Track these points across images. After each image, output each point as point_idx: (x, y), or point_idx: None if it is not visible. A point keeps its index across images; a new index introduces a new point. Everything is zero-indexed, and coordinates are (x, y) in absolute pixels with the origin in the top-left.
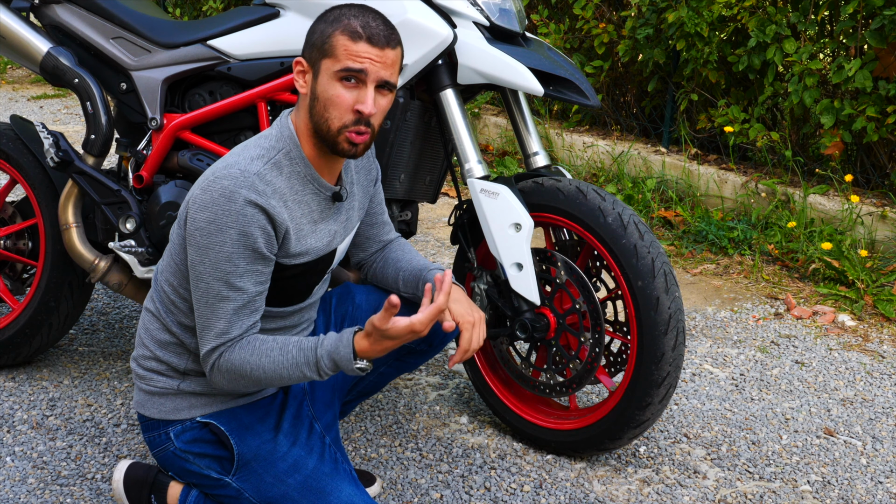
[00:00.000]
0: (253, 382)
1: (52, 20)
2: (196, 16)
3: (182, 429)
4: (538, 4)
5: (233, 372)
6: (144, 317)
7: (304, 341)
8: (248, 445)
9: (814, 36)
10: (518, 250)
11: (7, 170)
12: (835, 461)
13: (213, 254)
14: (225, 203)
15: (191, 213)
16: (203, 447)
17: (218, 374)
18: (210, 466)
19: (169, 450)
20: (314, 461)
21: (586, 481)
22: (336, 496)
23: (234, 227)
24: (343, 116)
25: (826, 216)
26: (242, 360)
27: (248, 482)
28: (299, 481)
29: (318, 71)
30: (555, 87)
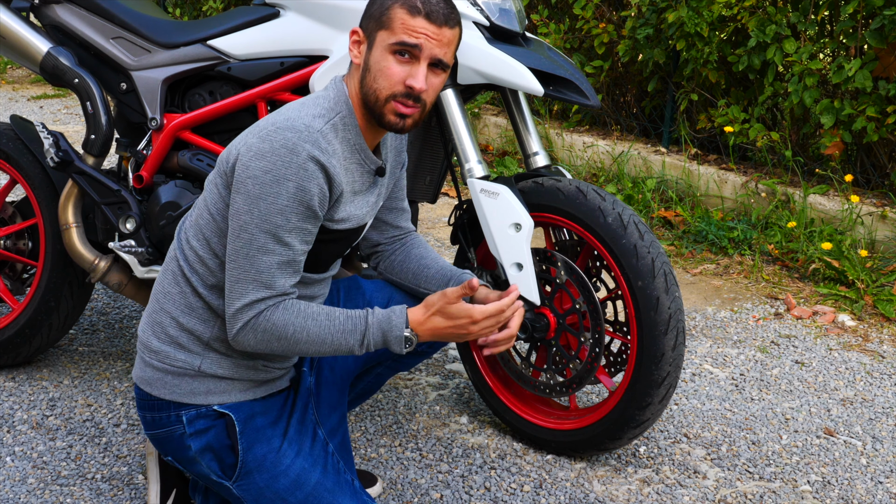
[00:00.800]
0: (289, 346)
1: (52, 20)
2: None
3: (197, 414)
4: (538, 4)
5: (271, 332)
6: (164, 282)
7: (353, 311)
8: (254, 453)
9: (814, 36)
10: (518, 250)
11: (7, 170)
12: (835, 461)
13: (264, 205)
14: (286, 154)
15: (244, 160)
16: (212, 440)
17: (251, 332)
18: (210, 467)
19: (176, 433)
20: (317, 475)
21: (586, 481)
22: None
23: (293, 180)
24: (393, 87)
25: (826, 216)
26: (286, 321)
27: (249, 493)
28: (300, 499)
29: (374, 42)
30: (555, 87)
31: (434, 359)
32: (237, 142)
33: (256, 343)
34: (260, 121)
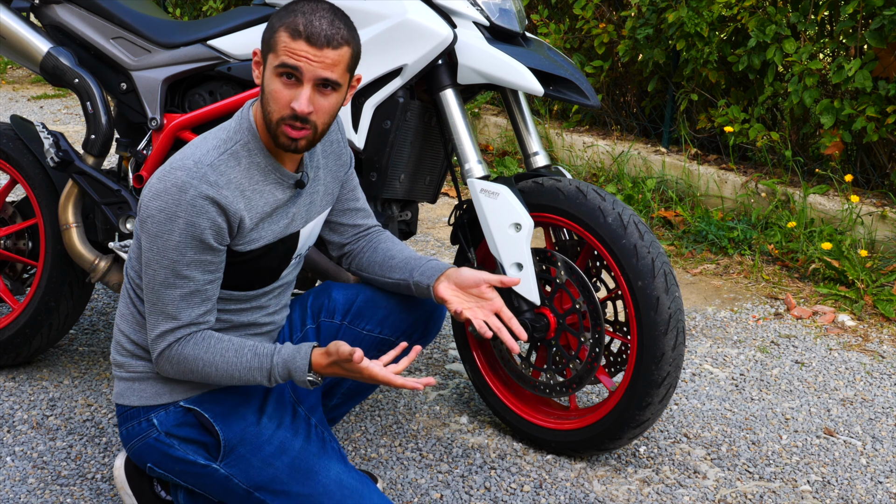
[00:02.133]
0: (200, 378)
1: (52, 20)
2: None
3: (166, 414)
4: (538, 4)
5: (183, 364)
6: (120, 303)
7: (261, 346)
8: (234, 430)
9: (814, 36)
10: (518, 250)
11: (7, 170)
12: (835, 461)
13: (161, 242)
14: (176, 193)
15: (144, 200)
16: (189, 431)
17: (167, 363)
18: (197, 452)
19: (151, 437)
20: (300, 442)
21: (586, 481)
22: (325, 475)
23: (182, 217)
24: (281, 111)
25: (826, 216)
26: (195, 355)
27: (237, 467)
28: (287, 463)
29: (266, 65)
30: (555, 87)
31: (434, 359)
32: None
33: (174, 372)
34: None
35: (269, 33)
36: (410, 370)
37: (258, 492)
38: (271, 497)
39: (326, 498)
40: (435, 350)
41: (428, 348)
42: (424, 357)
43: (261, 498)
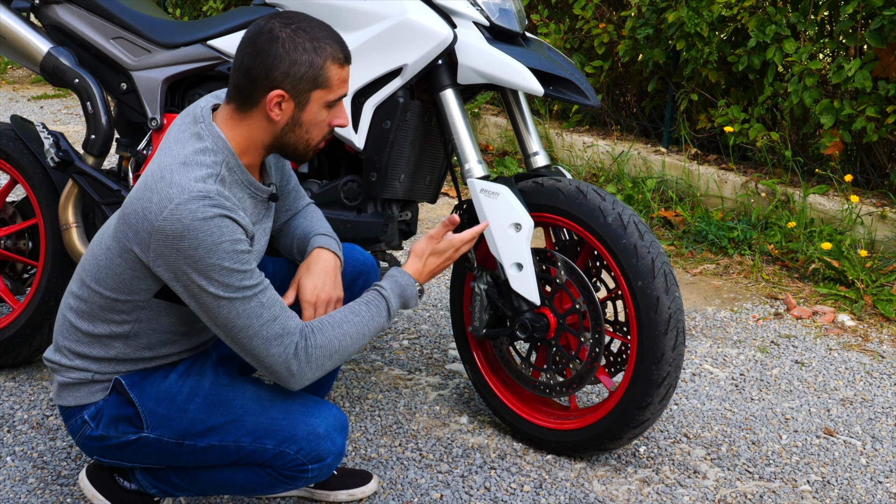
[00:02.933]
0: (343, 355)
1: (52, 20)
2: (196, 16)
3: (96, 409)
4: (538, 4)
5: (323, 357)
6: (68, 313)
7: (364, 298)
8: (147, 394)
9: (814, 36)
10: (518, 250)
11: (7, 170)
12: (834, 461)
13: (216, 273)
14: (203, 224)
15: (168, 248)
16: (113, 412)
17: (309, 370)
18: (126, 431)
19: (87, 433)
20: (209, 380)
21: (586, 481)
22: (241, 397)
23: (220, 239)
24: (322, 134)
25: (826, 216)
26: (327, 341)
27: (161, 427)
28: (200, 403)
29: (307, 101)
30: (555, 87)
31: (434, 359)
32: (141, 225)
33: (317, 372)
34: (145, 198)
35: (309, 70)
36: (410, 370)
37: (187, 440)
38: (199, 439)
39: (248, 415)
40: (435, 350)
41: (428, 348)
42: (424, 357)
43: (190, 444)
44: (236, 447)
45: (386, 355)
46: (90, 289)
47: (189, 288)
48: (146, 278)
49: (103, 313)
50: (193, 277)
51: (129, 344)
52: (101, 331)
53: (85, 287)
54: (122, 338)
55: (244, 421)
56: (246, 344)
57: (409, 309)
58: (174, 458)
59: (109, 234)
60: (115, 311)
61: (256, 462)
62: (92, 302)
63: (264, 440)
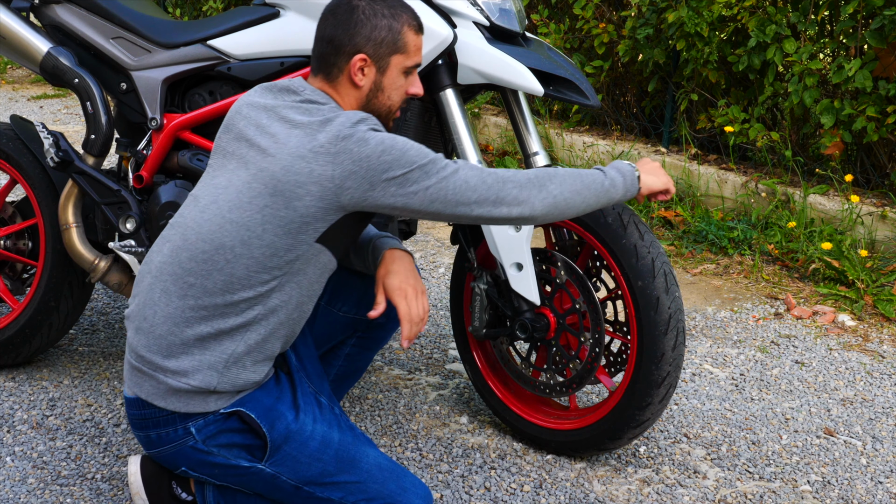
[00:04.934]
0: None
1: (52, 20)
2: (196, 16)
3: (204, 422)
4: (538, 4)
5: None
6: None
7: (582, 171)
8: (278, 430)
9: (814, 36)
10: (518, 250)
11: (7, 170)
12: (835, 461)
13: (407, 156)
14: (377, 125)
15: (359, 148)
16: (230, 437)
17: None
18: (239, 456)
19: (187, 444)
20: (337, 433)
21: (586, 481)
22: (366, 461)
23: (396, 137)
24: (400, 100)
25: (826, 216)
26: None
27: (284, 465)
28: (332, 455)
29: (388, 65)
30: (555, 87)
31: (434, 359)
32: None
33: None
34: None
35: (388, 34)
36: (410, 370)
37: (307, 486)
38: (320, 489)
39: (372, 482)
40: (435, 350)
41: (428, 348)
42: (424, 357)
43: (309, 491)
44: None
45: (386, 355)
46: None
47: (395, 181)
48: (318, 218)
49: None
50: (395, 168)
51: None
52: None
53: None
54: (243, 328)
55: (367, 486)
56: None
57: (627, 193)
58: (279, 494)
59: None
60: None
61: None
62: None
63: None
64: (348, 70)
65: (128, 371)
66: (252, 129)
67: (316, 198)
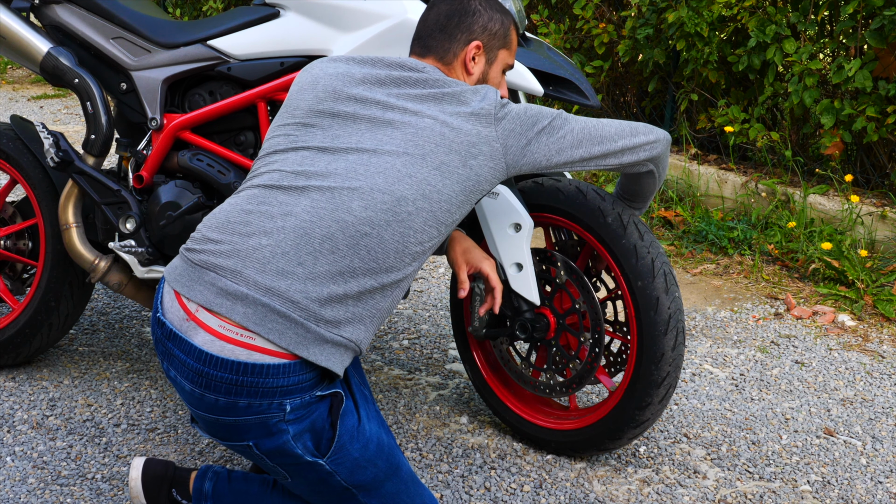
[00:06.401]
0: None
1: (52, 20)
2: (196, 16)
3: (301, 402)
4: (538, 4)
5: None
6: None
7: None
8: (346, 426)
9: (814, 36)
10: (518, 250)
11: (7, 170)
12: (835, 461)
13: (543, 111)
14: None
15: (522, 120)
16: (312, 421)
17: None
18: (305, 447)
19: (272, 420)
20: (385, 437)
21: (586, 481)
22: (404, 469)
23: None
24: None
25: (826, 216)
26: None
27: (344, 464)
28: (385, 460)
29: (495, 58)
30: (555, 87)
31: (434, 359)
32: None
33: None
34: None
35: (502, 30)
36: (410, 370)
37: (354, 488)
38: (365, 494)
39: (405, 495)
40: (435, 350)
41: (428, 348)
42: (424, 357)
43: (354, 492)
44: None
45: (386, 355)
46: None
47: (543, 132)
48: (489, 179)
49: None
50: (539, 122)
51: (398, 290)
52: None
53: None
54: (396, 285)
55: (400, 497)
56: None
57: None
58: (328, 494)
59: (410, 170)
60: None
61: None
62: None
63: None
64: (464, 55)
65: (261, 316)
66: (382, 95)
67: (487, 157)
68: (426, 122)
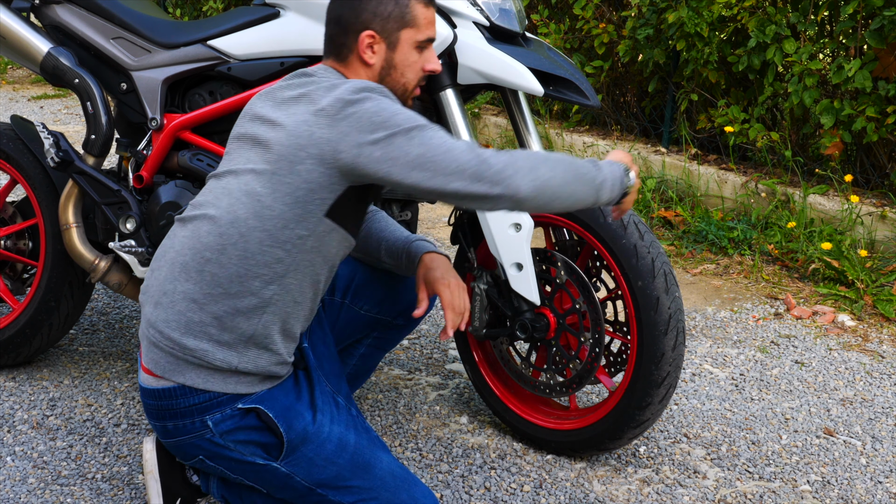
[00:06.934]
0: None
1: (52, 20)
2: (196, 16)
3: (222, 416)
4: (538, 4)
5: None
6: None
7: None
8: (295, 430)
9: (814, 36)
10: (518, 250)
11: (7, 170)
12: (834, 461)
13: (401, 117)
14: (383, 93)
15: (363, 123)
16: (248, 434)
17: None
18: (255, 454)
19: (204, 437)
20: (353, 436)
21: (586, 481)
22: (379, 466)
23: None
24: (417, 76)
25: (826, 216)
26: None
27: (299, 466)
28: (348, 459)
29: (397, 41)
30: (555, 87)
31: (434, 359)
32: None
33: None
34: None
35: (395, 8)
36: (410, 370)
37: (320, 488)
38: (333, 493)
39: (384, 490)
40: (435, 350)
41: (428, 348)
42: (424, 357)
43: (322, 493)
44: None
45: (386, 355)
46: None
47: (378, 143)
48: (323, 186)
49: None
50: (380, 130)
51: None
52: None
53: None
54: (260, 309)
55: (379, 492)
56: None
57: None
58: (290, 494)
59: (250, 187)
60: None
61: None
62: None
63: None
64: (357, 48)
65: (146, 347)
66: (268, 108)
67: (316, 161)
68: (278, 131)
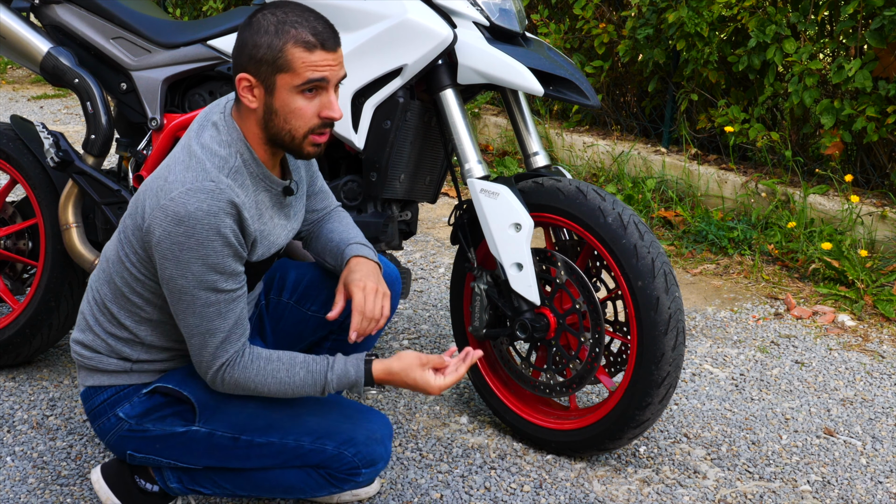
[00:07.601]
0: (258, 393)
1: (52, 20)
2: (196, 16)
3: (130, 406)
4: (538, 4)
5: (237, 388)
6: (93, 308)
7: (312, 363)
8: (199, 389)
9: (814, 36)
10: (518, 250)
11: (7, 170)
12: (835, 461)
13: (196, 266)
14: (204, 217)
15: (163, 226)
16: (161, 411)
17: (221, 386)
18: (174, 423)
19: (123, 429)
20: None
21: (586, 481)
22: (304, 399)
23: (216, 238)
24: (309, 123)
25: (826, 216)
26: (247, 379)
27: (215, 419)
28: (259, 398)
29: (274, 86)
30: (555, 87)
31: None
32: (147, 207)
33: (231, 391)
34: (163, 182)
35: (271, 54)
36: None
37: (244, 434)
38: (257, 434)
39: (310, 415)
40: (435, 350)
41: (428, 348)
42: None
43: (247, 439)
44: (295, 445)
45: (386, 355)
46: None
47: (164, 269)
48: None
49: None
50: (170, 262)
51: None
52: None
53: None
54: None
55: (305, 420)
56: (190, 338)
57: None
58: (222, 453)
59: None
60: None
61: (311, 463)
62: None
63: (325, 441)
64: (238, 90)
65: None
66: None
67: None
68: None
